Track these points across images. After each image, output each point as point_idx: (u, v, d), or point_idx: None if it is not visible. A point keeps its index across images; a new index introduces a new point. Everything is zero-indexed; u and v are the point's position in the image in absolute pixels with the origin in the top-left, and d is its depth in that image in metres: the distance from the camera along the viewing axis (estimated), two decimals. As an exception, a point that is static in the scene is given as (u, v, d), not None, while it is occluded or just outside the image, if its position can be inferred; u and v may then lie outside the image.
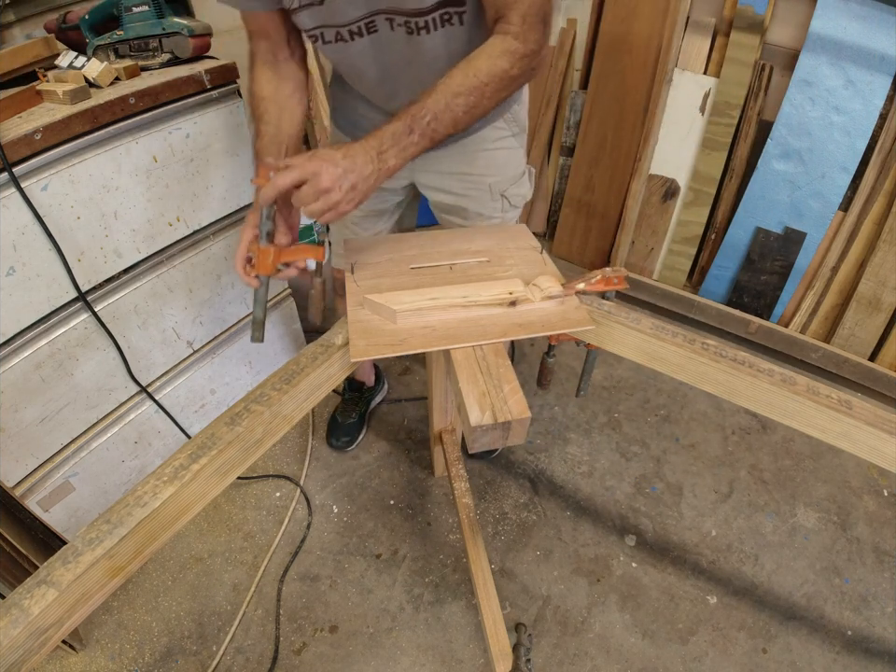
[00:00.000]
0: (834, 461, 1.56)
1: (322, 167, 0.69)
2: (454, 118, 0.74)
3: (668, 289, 2.00)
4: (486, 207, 1.12)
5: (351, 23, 0.84)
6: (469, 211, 1.13)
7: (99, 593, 0.53)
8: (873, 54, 1.49)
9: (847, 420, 0.68)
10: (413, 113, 0.73)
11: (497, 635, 1.01)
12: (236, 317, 1.47)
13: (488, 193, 1.10)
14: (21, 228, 0.95)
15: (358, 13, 0.83)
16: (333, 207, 0.71)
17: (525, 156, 1.14)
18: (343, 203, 0.71)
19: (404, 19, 0.83)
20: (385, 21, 0.83)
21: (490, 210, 1.13)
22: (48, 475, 1.15)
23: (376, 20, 0.83)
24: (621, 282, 0.81)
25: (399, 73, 0.92)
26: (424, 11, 0.81)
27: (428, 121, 0.73)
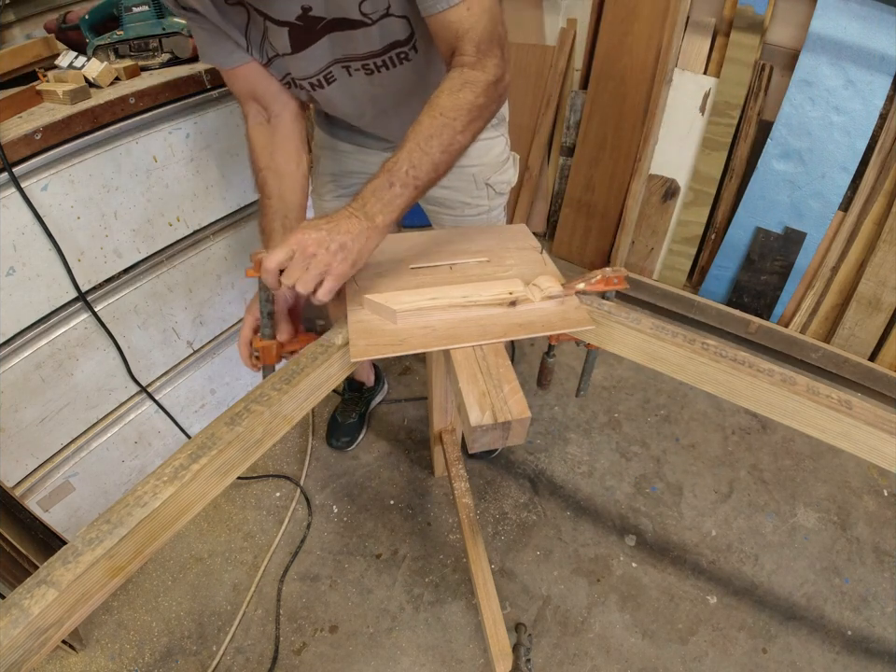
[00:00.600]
0: (834, 461, 1.56)
1: (305, 235, 0.67)
2: (431, 161, 0.73)
3: (668, 289, 2.00)
4: (472, 196, 1.13)
5: (311, 77, 0.87)
6: (455, 201, 1.14)
7: (99, 593, 0.53)
8: (873, 54, 1.49)
9: (847, 420, 0.68)
10: (389, 168, 0.72)
11: (497, 635, 1.01)
12: (236, 317, 1.47)
13: (472, 183, 1.12)
14: (21, 228, 0.95)
15: (316, 68, 0.86)
16: (325, 271, 0.68)
17: (507, 143, 1.15)
18: (335, 265, 0.68)
19: (360, 63, 0.85)
20: (341, 69, 0.86)
21: (476, 199, 1.14)
22: (48, 475, 1.15)
23: (333, 70, 0.86)
24: (621, 282, 0.81)
25: (369, 107, 0.95)
26: (376, 53, 0.83)
27: (406, 171, 0.72)
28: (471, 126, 0.74)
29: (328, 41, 0.81)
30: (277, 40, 0.81)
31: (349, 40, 0.81)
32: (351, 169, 1.13)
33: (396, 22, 0.79)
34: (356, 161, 1.11)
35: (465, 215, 1.16)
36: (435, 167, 0.74)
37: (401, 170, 0.71)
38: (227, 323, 1.45)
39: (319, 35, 0.80)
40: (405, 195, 0.73)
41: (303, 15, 0.77)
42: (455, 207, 1.15)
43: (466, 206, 1.14)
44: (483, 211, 1.16)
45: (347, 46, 0.82)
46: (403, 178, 0.72)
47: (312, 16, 0.77)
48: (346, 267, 0.70)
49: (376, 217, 0.71)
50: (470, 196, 1.13)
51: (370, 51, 0.82)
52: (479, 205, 1.14)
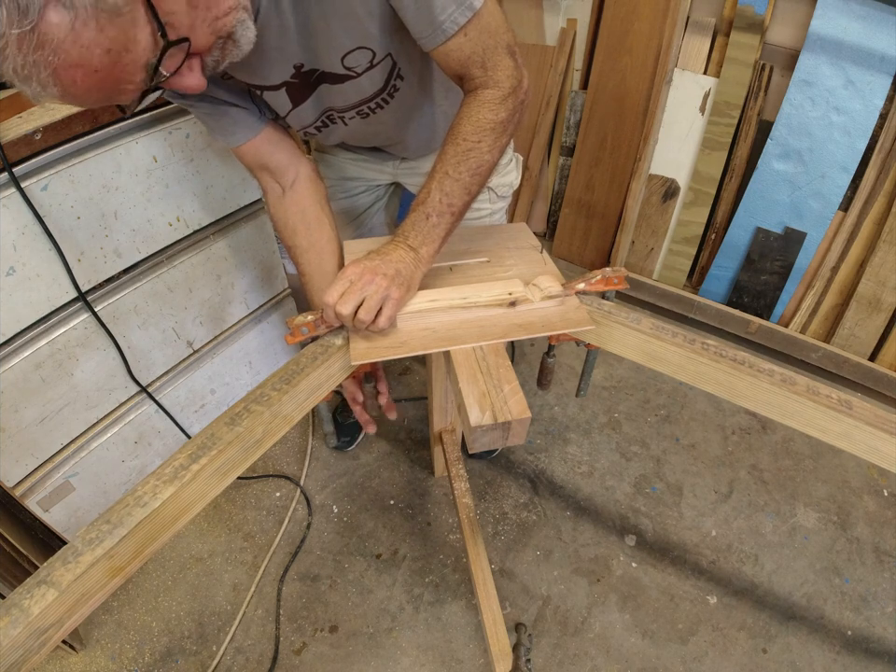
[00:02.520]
0: (834, 461, 1.56)
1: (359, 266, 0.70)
2: (463, 186, 0.74)
3: (668, 289, 2.00)
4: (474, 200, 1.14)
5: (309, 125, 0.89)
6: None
7: (99, 593, 0.53)
8: (873, 54, 1.48)
9: (847, 420, 0.68)
10: (422, 200, 0.74)
11: (497, 635, 1.01)
12: (236, 317, 1.47)
13: None
14: (20, 228, 0.95)
15: (312, 118, 0.87)
16: (386, 296, 0.69)
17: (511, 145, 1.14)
18: (393, 290, 0.69)
19: (355, 111, 0.85)
20: (337, 117, 0.87)
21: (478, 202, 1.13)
22: (48, 475, 1.15)
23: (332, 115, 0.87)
24: (621, 282, 0.81)
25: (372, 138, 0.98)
26: (366, 99, 0.83)
27: (440, 200, 0.73)
28: (497, 143, 0.74)
29: (318, 93, 0.81)
30: (276, 101, 0.81)
31: (339, 92, 0.81)
32: (352, 175, 1.14)
33: (380, 68, 0.78)
34: (356, 167, 1.13)
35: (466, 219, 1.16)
36: (468, 191, 0.75)
37: (434, 200, 0.73)
38: (227, 323, 1.45)
39: (313, 87, 0.80)
40: (443, 224, 0.74)
41: (297, 72, 0.76)
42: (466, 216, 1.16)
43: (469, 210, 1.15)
44: (485, 214, 1.16)
45: (336, 98, 0.82)
46: (438, 208, 0.73)
47: (304, 71, 0.76)
48: (403, 292, 0.71)
49: (420, 248, 0.74)
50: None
51: (360, 99, 0.83)
52: (480, 209, 1.14)
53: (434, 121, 0.97)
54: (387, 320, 0.70)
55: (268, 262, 1.49)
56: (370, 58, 0.75)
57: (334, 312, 0.69)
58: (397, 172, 1.12)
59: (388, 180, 1.16)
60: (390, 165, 1.11)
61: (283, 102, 0.82)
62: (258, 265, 1.46)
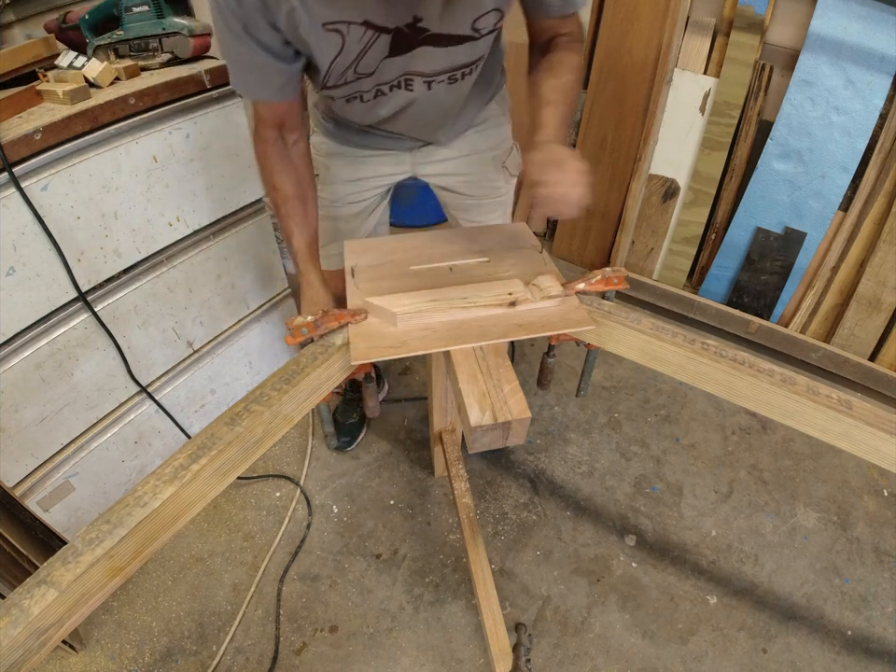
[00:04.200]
0: (834, 461, 1.56)
1: (563, 150, 0.74)
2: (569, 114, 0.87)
3: (668, 289, 2.00)
4: (490, 180, 1.15)
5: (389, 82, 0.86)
6: (477, 186, 1.16)
7: (99, 593, 0.53)
8: (873, 54, 1.48)
9: (847, 420, 0.68)
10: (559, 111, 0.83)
11: (497, 635, 1.01)
12: (236, 317, 1.47)
13: (492, 165, 1.14)
14: (21, 228, 0.95)
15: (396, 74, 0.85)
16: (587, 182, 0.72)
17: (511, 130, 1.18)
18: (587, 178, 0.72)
19: (446, 76, 0.87)
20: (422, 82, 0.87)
21: (494, 182, 1.16)
22: (48, 475, 1.15)
23: (413, 80, 0.87)
24: (621, 282, 0.81)
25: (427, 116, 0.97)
26: (465, 65, 0.87)
27: (562, 122, 0.83)
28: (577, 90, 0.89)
29: (418, 53, 0.82)
30: (374, 52, 0.79)
31: (437, 56, 0.82)
32: (365, 175, 1.13)
33: (497, 31, 0.83)
34: (368, 166, 1.12)
35: (485, 198, 1.17)
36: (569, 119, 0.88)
37: (560, 122, 0.82)
38: (227, 323, 1.45)
39: (415, 45, 0.80)
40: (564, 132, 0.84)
41: (412, 24, 0.76)
42: (474, 194, 1.17)
43: (486, 190, 1.17)
44: (502, 194, 1.18)
45: (432, 61, 0.83)
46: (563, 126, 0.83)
47: (419, 27, 0.77)
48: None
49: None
50: (489, 180, 1.15)
51: (461, 63, 0.86)
52: (497, 188, 1.17)
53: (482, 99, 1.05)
54: (579, 208, 0.73)
55: (268, 262, 1.49)
56: (497, 19, 0.79)
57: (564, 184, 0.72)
58: (415, 161, 1.12)
59: (403, 173, 1.15)
60: (409, 155, 1.11)
61: (380, 52, 0.78)
62: (258, 265, 1.46)
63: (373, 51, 0.79)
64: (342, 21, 0.73)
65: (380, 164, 1.12)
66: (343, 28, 0.74)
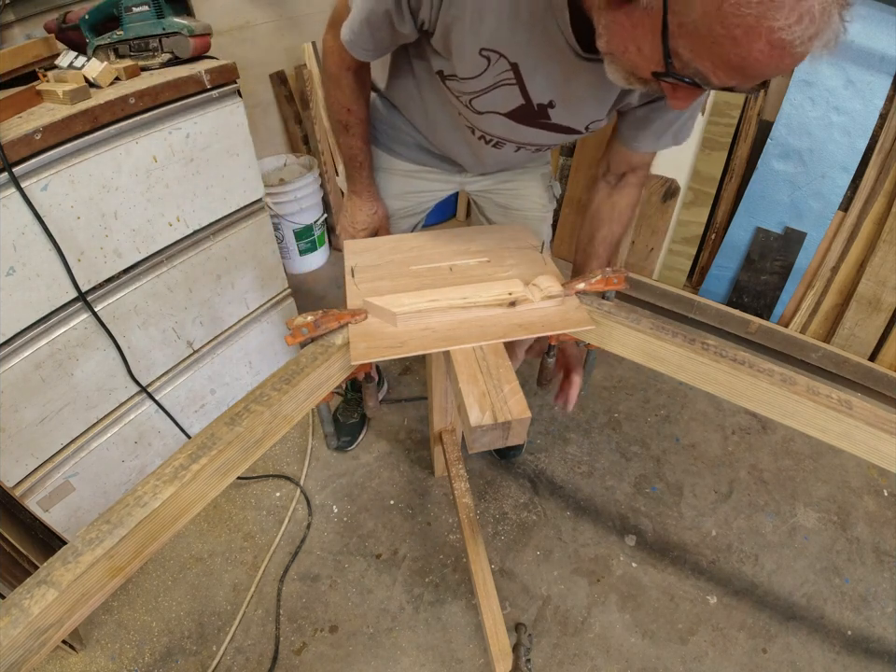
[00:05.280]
0: (834, 461, 1.56)
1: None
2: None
3: (668, 289, 2.00)
4: (540, 196, 1.17)
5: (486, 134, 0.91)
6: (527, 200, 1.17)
7: (99, 593, 0.53)
8: (873, 54, 1.48)
9: (847, 420, 0.68)
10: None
11: (497, 635, 1.01)
12: (236, 317, 1.47)
13: (541, 182, 1.16)
14: (20, 228, 0.95)
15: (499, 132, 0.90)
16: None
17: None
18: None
19: (535, 147, 0.94)
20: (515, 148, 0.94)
21: (542, 199, 1.18)
22: (48, 475, 1.15)
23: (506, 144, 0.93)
24: (621, 282, 0.81)
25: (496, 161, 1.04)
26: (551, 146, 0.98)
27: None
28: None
29: (528, 131, 0.88)
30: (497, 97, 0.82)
31: (550, 138, 0.90)
32: (417, 189, 1.14)
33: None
34: (420, 180, 1.13)
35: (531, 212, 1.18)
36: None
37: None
38: (227, 323, 1.45)
39: (531, 124, 0.86)
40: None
41: (543, 105, 0.81)
42: (523, 209, 1.18)
43: (534, 209, 1.18)
44: (546, 212, 1.19)
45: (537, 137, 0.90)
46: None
47: (547, 111, 0.82)
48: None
49: None
50: (539, 196, 1.17)
51: (554, 143, 0.95)
52: (544, 205, 1.18)
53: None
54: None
55: (268, 262, 1.49)
56: (600, 126, 0.88)
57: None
58: (463, 180, 1.15)
59: (452, 189, 1.17)
60: (459, 175, 1.14)
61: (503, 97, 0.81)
62: (258, 265, 1.46)
63: (498, 95, 0.81)
64: (496, 52, 0.74)
65: (429, 181, 1.13)
66: (494, 57, 0.75)
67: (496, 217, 1.20)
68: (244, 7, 1.87)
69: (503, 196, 1.17)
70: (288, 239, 2.15)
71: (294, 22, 2.04)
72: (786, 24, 0.44)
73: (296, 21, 2.04)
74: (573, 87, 0.77)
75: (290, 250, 2.19)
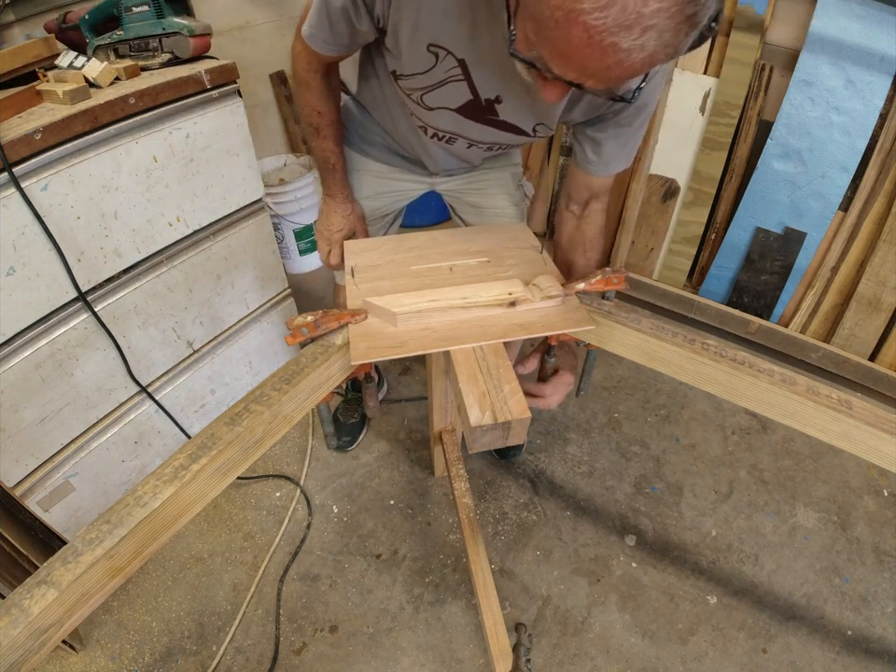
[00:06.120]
0: (834, 461, 1.56)
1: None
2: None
3: (668, 289, 2.00)
4: (510, 195, 1.17)
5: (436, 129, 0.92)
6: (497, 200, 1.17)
7: (99, 593, 0.53)
8: (873, 54, 1.48)
9: (847, 420, 0.68)
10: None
11: (497, 635, 1.01)
12: (236, 317, 1.47)
13: (512, 181, 1.16)
14: (20, 228, 0.95)
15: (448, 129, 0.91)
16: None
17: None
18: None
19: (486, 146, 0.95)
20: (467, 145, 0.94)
21: (514, 198, 1.17)
22: (48, 475, 1.15)
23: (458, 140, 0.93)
24: (621, 282, 0.81)
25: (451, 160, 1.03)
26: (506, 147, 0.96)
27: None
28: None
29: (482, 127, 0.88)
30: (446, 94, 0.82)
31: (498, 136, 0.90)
32: (389, 189, 1.15)
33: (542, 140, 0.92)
34: (392, 181, 1.14)
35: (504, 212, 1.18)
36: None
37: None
38: (227, 323, 1.45)
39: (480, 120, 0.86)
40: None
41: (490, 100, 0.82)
42: (494, 207, 1.18)
43: (505, 206, 1.18)
44: (518, 212, 1.19)
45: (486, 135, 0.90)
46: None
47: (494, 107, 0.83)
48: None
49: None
50: (509, 195, 1.17)
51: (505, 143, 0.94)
52: (516, 203, 1.18)
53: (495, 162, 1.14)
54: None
55: (268, 262, 1.49)
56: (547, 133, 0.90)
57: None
58: (434, 181, 1.16)
59: (423, 189, 1.18)
60: (428, 177, 1.15)
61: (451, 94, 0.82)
62: (258, 265, 1.46)
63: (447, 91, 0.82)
64: (443, 49, 0.75)
65: (399, 181, 1.14)
66: (442, 54, 0.76)
67: (470, 218, 1.21)
68: (244, 7, 1.87)
69: (473, 195, 1.17)
70: (288, 239, 2.15)
71: (294, 22, 2.03)
72: (592, 7, 0.42)
73: (296, 21, 2.04)
74: (516, 83, 0.76)
75: (290, 250, 2.19)
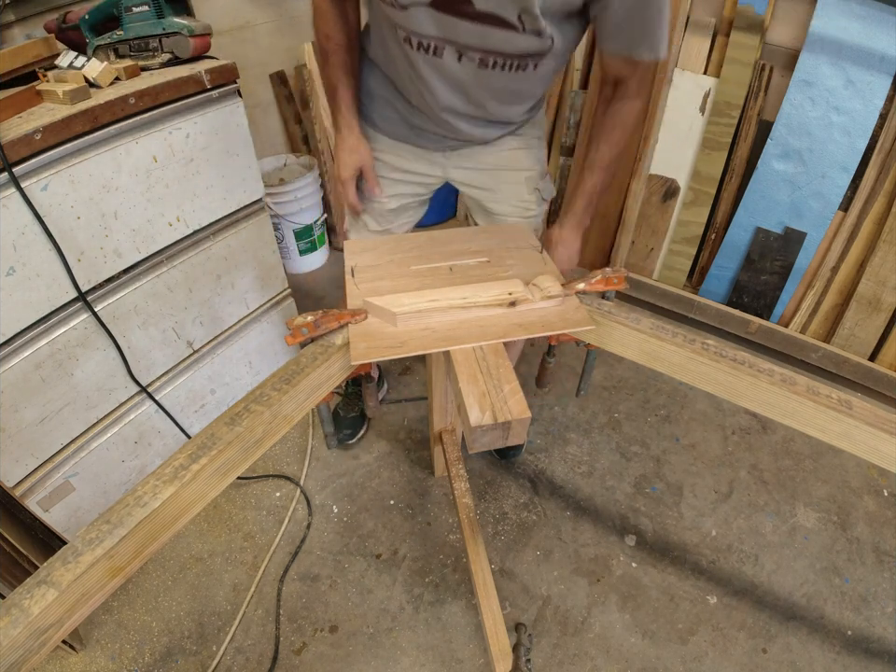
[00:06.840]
0: (834, 461, 1.56)
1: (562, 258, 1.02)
2: (613, 174, 1.02)
3: (668, 289, 2.00)
4: (523, 200, 1.16)
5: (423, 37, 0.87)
6: (509, 206, 1.17)
7: (99, 593, 0.53)
8: (873, 54, 1.48)
9: (847, 420, 0.68)
10: (590, 192, 1.02)
11: (497, 635, 1.01)
12: (236, 317, 1.47)
13: (525, 187, 1.15)
14: (20, 228, 0.95)
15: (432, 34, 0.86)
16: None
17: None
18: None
19: (479, 55, 0.87)
20: (454, 51, 0.87)
21: (527, 203, 1.17)
22: (48, 475, 1.15)
23: (445, 47, 0.87)
24: (621, 282, 0.81)
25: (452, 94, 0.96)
26: (503, 54, 0.87)
27: (599, 191, 1.02)
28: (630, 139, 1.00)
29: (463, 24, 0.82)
30: None
31: (484, 35, 0.83)
32: (403, 167, 1.14)
33: (540, 40, 0.84)
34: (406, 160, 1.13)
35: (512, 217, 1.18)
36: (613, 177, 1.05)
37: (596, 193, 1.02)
38: (227, 323, 1.45)
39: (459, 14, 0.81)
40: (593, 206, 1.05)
41: None
42: (503, 212, 1.18)
43: (517, 210, 1.17)
44: (533, 216, 1.18)
45: (470, 34, 0.83)
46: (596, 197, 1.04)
47: None
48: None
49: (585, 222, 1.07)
50: (522, 200, 1.16)
51: (498, 50, 0.86)
52: (529, 209, 1.18)
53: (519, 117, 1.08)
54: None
55: (268, 262, 1.49)
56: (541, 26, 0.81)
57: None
58: (446, 164, 1.14)
59: (437, 174, 1.16)
60: (440, 156, 1.12)
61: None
62: (258, 265, 1.46)
63: None
64: None
65: (415, 161, 1.13)
66: None
67: (482, 222, 1.22)
68: (244, 7, 1.87)
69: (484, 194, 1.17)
70: (288, 239, 2.15)
71: (294, 22, 2.04)
72: None
73: (296, 21, 2.04)
74: None
75: (290, 250, 2.19)
